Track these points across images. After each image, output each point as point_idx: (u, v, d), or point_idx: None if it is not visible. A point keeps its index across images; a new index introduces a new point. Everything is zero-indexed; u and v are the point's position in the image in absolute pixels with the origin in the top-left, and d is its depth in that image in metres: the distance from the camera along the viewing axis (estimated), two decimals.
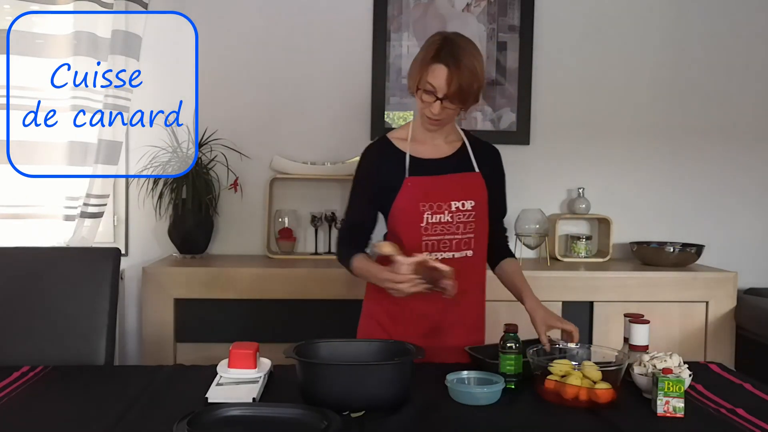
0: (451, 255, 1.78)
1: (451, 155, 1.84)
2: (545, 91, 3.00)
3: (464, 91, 1.68)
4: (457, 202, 1.77)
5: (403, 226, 1.79)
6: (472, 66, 1.68)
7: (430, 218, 1.76)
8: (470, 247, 1.80)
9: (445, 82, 1.67)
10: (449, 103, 1.71)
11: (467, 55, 1.69)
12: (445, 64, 1.66)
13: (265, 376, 1.52)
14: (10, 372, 1.62)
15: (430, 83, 1.69)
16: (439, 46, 1.69)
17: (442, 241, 1.77)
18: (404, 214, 1.78)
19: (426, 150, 1.83)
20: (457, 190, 1.78)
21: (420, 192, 1.77)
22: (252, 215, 2.92)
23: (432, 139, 1.84)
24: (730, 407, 1.43)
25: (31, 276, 1.90)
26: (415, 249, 1.75)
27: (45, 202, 2.64)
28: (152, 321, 2.53)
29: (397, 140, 1.85)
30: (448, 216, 1.77)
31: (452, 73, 1.66)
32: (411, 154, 1.81)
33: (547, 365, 1.50)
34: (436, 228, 1.77)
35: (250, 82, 2.92)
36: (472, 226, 1.79)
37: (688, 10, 3.03)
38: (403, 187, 1.77)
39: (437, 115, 1.72)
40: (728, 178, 3.08)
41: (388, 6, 2.91)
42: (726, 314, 2.66)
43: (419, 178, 1.78)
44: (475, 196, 1.80)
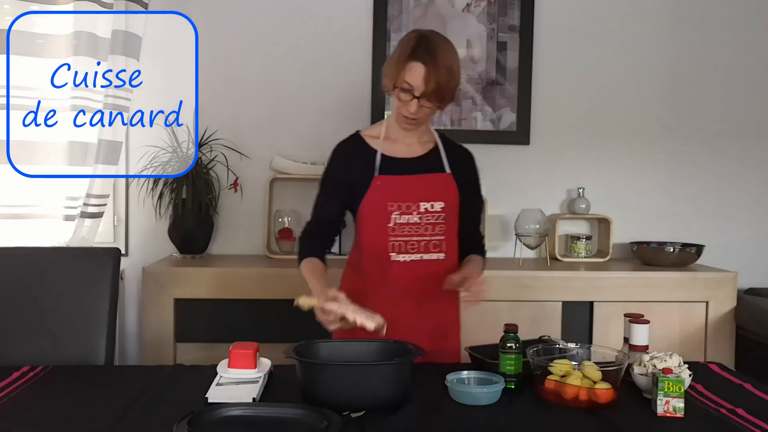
0: (419, 257, 1.76)
1: (422, 155, 1.82)
2: (545, 91, 3.00)
3: (442, 89, 1.67)
4: (426, 203, 1.75)
5: (370, 226, 1.76)
6: (449, 64, 1.67)
7: (398, 218, 1.73)
8: (441, 249, 1.77)
9: (422, 80, 1.65)
10: (426, 101, 1.69)
11: (444, 52, 1.67)
12: (422, 62, 1.64)
13: (265, 376, 1.52)
14: (10, 372, 1.62)
15: (407, 82, 1.66)
16: (415, 44, 1.66)
17: (409, 242, 1.75)
18: (371, 213, 1.75)
19: (398, 149, 1.81)
20: (426, 191, 1.76)
21: (388, 191, 1.74)
22: (252, 215, 2.92)
23: (405, 138, 1.81)
24: (730, 407, 1.43)
25: (31, 276, 1.90)
26: (383, 249, 1.74)
27: (45, 202, 2.64)
28: (152, 321, 2.53)
29: (370, 138, 1.82)
30: (417, 217, 1.74)
31: (430, 71, 1.64)
32: (382, 153, 1.79)
33: (547, 365, 1.50)
34: (403, 229, 1.74)
35: (250, 82, 2.92)
36: (442, 228, 1.77)
37: (687, 11, 3.03)
38: (371, 185, 1.75)
39: (414, 114, 1.70)
40: (728, 178, 3.09)
41: (388, 6, 2.91)
42: (726, 314, 2.66)
43: (388, 177, 1.75)
44: (445, 197, 1.77)
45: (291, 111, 2.95)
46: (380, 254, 1.75)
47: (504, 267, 2.70)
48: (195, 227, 2.74)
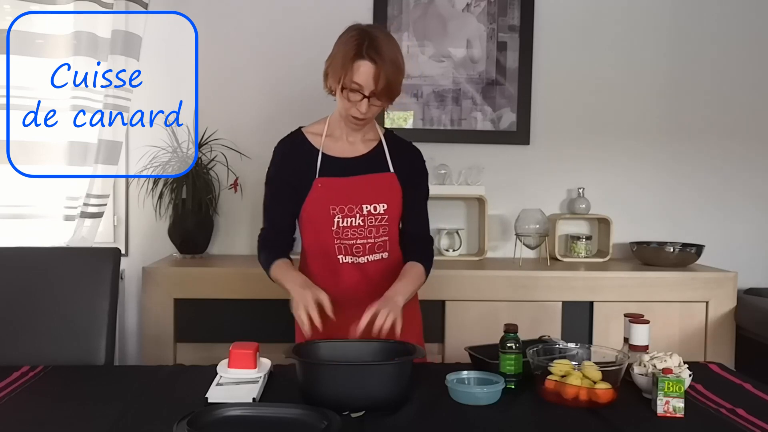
0: (365, 259, 1.73)
1: (365, 154, 1.76)
2: (545, 91, 3.00)
3: (391, 85, 1.61)
4: (369, 205, 1.69)
5: (315, 230, 1.72)
6: (395, 58, 1.62)
7: (341, 222, 1.69)
8: (385, 249, 1.74)
9: (372, 79, 1.58)
10: (376, 100, 1.63)
11: (388, 47, 1.61)
12: (370, 61, 1.58)
13: (265, 376, 1.52)
14: (10, 372, 1.62)
15: (355, 82, 1.60)
16: (358, 42, 1.59)
17: (354, 246, 1.71)
18: (314, 216, 1.71)
19: (340, 148, 1.75)
20: (368, 193, 1.70)
21: (330, 194, 1.69)
22: (252, 215, 2.92)
23: (348, 136, 1.75)
24: (730, 407, 1.43)
25: (31, 276, 1.90)
26: (330, 252, 1.71)
27: (45, 202, 2.64)
28: (152, 321, 2.53)
29: (312, 135, 1.77)
30: (360, 220, 1.69)
31: (379, 69, 1.58)
32: (324, 152, 1.73)
33: (547, 365, 1.50)
34: (347, 232, 1.70)
35: (250, 82, 2.92)
36: (386, 230, 1.73)
37: (687, 11, 3.03)
38: (312, 188, 1.70)
39: (365, 114, 1.65)
40: (728, 178, 3.09)
41: (388, 6, 2.92)
42: (726, 314, 2.66)
43: (330, 180, 1.70)
44: (388, 198, 1.72)
45: (291, 111, 2.94)
46: (328, 257, 1.72)
47: (504, 267, 2.71)
48: (195, 227, 2.74)
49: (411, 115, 2.96)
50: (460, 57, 2.96)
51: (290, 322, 2.62)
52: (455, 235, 2.96)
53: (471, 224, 3.03)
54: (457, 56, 2.96)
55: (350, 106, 1.65)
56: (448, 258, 2.88)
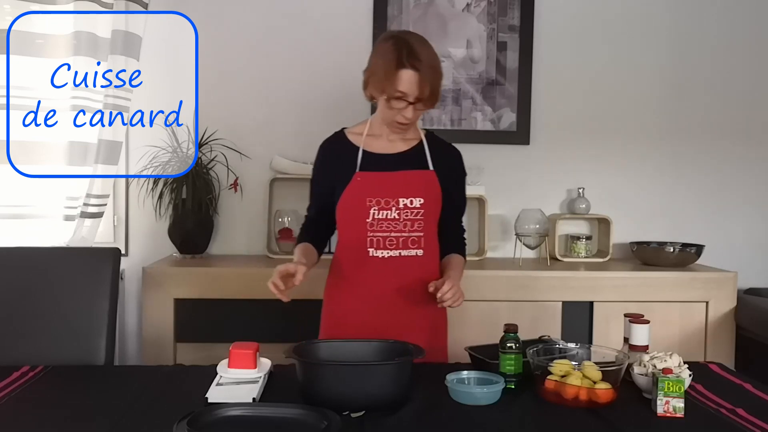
0: (397, 253, 1.75)
1: (405, 151, 1.82)
2: (545, 91, 3.00)
3: (435, 90, 1.69)
4: (405, 199, 1.74)
5: (350, 222, 1.77)
6: (434, 63, 1.68)
7: (377, 214, 1.73)
8: (420, 246, 1.77)
9: (417, 86, 1.65)
10: (421, 105, 1.70)
11: (426, 52, 1.67)
12: (412, 69, 1.64)
13: (265, 376, 1.52)
14: (10, 372, 1.62)
15: (400, 91, 1.66)
16: (398, 51, 1.65)
17: (388, 239, 1.75)
18: (350, 208, 1.76)
19: (380, 145, 1.81)
20: (406, 187, 1.75)
21: (368, 187, 1.75)
22: (252, 215, 2.92)
23: (388, 135, 1.81)
24: (730, 407, 1.43)
25: (31, 276, 1.90)
26: (361, 245, 1.75)
27: (45, 202, 2.64)
28: (152, 321, 2.53)
29: (353, 134, 1.84)
30: (395, 213, 1.74)
31: (421, 76, 1.65)
32: (364, 149, 1.79)
33: (547, 365, 1.50)
34: (382, 224, 1.74)
35: (250, 82, 2.92)
36: (421, 225, 1.76)
37: (687, 11, 3.03)
38: (351, 181, 1.75)
39: (411, 119, 1.72)
40: (728, 178, 3.09)
41: (388, 6, 2.92)
42: (726, 314, 2.66)
43: (369, 173, 1.76)
44: (426, 194, 1.76)
45: (291, 111, 2.95)
46: (358, 250, 1.76)
47: (504, 267, 2.70)
48: (195, 227, 2.74)
49: None
50: (460, 57, 2.96)
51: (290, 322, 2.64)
52: None
53: (471, 224, 3.02)
54: (457, 56, 2.96)
55: (395, 113, 1.71)
56: None
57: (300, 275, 1.59)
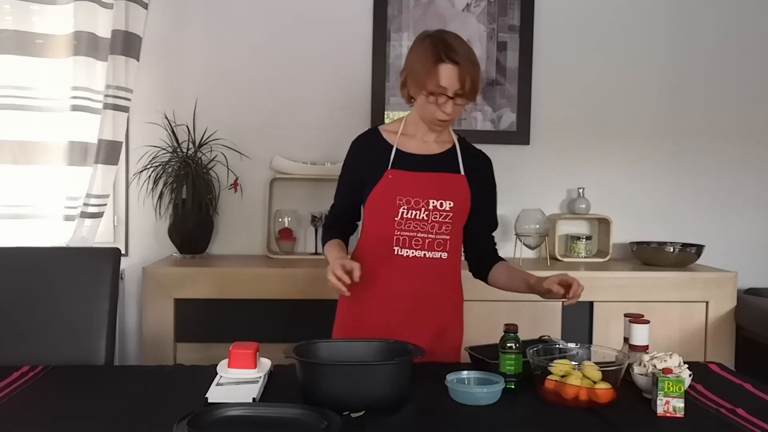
0: (422, 254, 1.75)
1: (438, 154, 1.82)
2: (545, 91, 3.01)
3: (475, 84, 1.68)
4: (435, 201, 1.74)
5: (378, 218, 1.77)
6: (471, 57, 1.68)
7: (406, 213, 1.74)
8: (445, 249, 1.77)
9: (458, 80, 1.65)
10: (461, 99, 1.70)
11: (462, 47, 1.68)
12: (452, 63, 1.64)
13: (265, 376, 1.52)
14: (10, 372, 1.62)
15: (441, 86, 1.66)
16: (435, 47, 1.66)
17: (414, 239, 1.75)
18: (380, 205, 1.76)
19: (414, 145, 1.81)
20: (437, 189, 1.75)
21: (399, 185, 1.75)
22: (252, 215, 2.92)
23: (422, 136, 1.82)
24: (730, 407, 1.43)
25: (31, 276, 1.90)
26: (387, 243, 1.75)
27: (45, 202, 2.64)
28: (152, 321, 2.53)
29: (387, 133, 1.84)
30: (424, 214, 1.74)
31: (461, 69, 1.65)
32: (398, 148, 1.80)
33: (547, 365, 1.50)
34: (410, 224, 1.74)
35: (250, 82, 2.92)
36: (449, 228, 1.76)
37: (687, 11, 3.04)
38: (383, 178, 1.75)
39: (451, 114, 1.72)
40: (728, 178, 3.09)
41: (388, 6, 2.92)
42: (726, 314, 2.67)
43: (401, 172, 1.76)
44: (455, 197, 1.76)
45: (291, 111, 2.95)
46: (384, 247, 1.76)
47: None
48: (195, 227, 2.74)
49: None
50: None
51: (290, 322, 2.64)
52: None
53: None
54: None
55: (436, 109, 1.71)
56: None
57: (358, 271, 1.60)
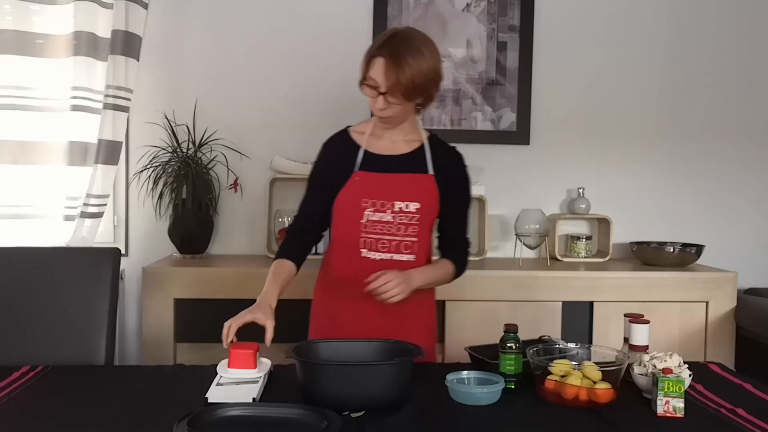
0: (389, 256, 1.74)
1: (406, 154, 1.78)
2: (545, 91, 3.01)
3: (403, 85, 1.61)
4: (401, 202, 1.72)
5: (344, 221, 1.76)
6: (414, 61, 1.62)
7: (372, 215, 1.72)
8: (413, 251, 1.74)
9: (383, 75, 1.62)
10: (392, 97, 1.65)
11: (410, 49, 1.62)
12: (383, 57, 1.62)
13: (265, 376, 1.52)
14: (10, 372, 1.62)
15: (371, 77, 1.65)
16: (383, 41, 1.65)
17: (380, 241, 1.73)
18: (346, 208, 1.74)
19: (382, 146, 1.79)
20: (403, 190, 1.73)
21: (365, 187, 1.73)
22: (252, 215, 2.92)
23: (391, 135, 1.79)
24: (730, 407, 1.43)
25: (31, 276, 1.90)
26: (354, 245, 1.74)
27: (45, 202, 2.64)
28: (152, 321, 2.53)
29: (357, 133, 1.82)
30: (390, 215, 1.72)
31: (390, 67, 1.61)
32: (366, 149, 1.78)
33: (547, 365, 1.50)
34: (376, 226, 1.72)
35: (250, 81, 2.92)
36: (415, 229, 1.74)
37: (687, 12, 3.04)
38: (350, 180, 1.74)
39: (382, 109, 1.68)
40: (728, 178, 3.09)
41: (388, 6, 2.92)
42: (726, 314, 2.67)
43: (367, 174, 1.74)
44: (423, 198, 1.74)
45: (291, 111, 2.95)
46: (351, 250, 1.75)
47: (504, 267, 2.70)
48: (195, 227, 2.74)
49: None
50: (460, 57, 2.96)
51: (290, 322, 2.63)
52: None
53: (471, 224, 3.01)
54: (457, 56, 2.96)
55: (371, 102, 1.70)
56: None
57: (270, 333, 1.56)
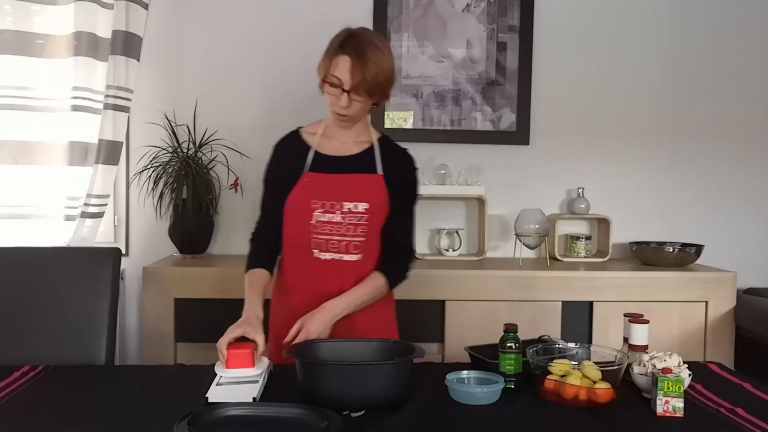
0: (339, 257, 1.74)
1: (355, 155, 1.79)
2: (545, 92, 3.01)
3: (368, 82, 1.65)
4: (350, 203, 1.72)
5: (294, 222, 1.76)
6: (377, 58, 1.65)
7: (321, 216, 1.72)
8: (361, 251, 1.74)
9: (349, 73, 1.64)
10: (356, 95, 1.67)
11: (372, 47, 1.66)
12: (348, 55, 1.64)
13: (265, 375, 1.52)
14: (10, 372, 1.62)
15: (335, 76, 1.66)
16: (344, 39, 1.67)
17: (330, 241, 1.73)
18: (297, 209, 1.74)
19: (332, 147, 1.79)
20: (352, 191, 1.73)
21: (314, 189, 1.73)
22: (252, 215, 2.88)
23: (341, 137, 1.80)
24: (729, 407, 1.43)
25: (31, 276, 1.90)
26: (305, 246, 1.74)
27: (45, 202, 2.64)
28: (152, 321, 2.54)
29: (308, 134, 1.83)
30: (339, 216, 1.72)
31: (355, 65, 1.63)
32: (316, 150, 1.78)
33: (546, 365, 1.50)
34: (325, 227, 1.72)
35: (250, 82, 2.92)
36: (364, 229, 1.73)
37: (687, 12, 3.04)
38: (299, 182, 1.74)
39: (345, 107, 1.69)
40: (728, 178, 3.09)
41: (388, 6, 2.92)
42: (725, 314, 2.67)
43: (317, 175, 1.75)
44: (371, 198, 1.73)
45: (291, 111, 2.94)
46: (303, 250, 1.75)
47: (504, 267, 2.71)
48: (195, 227, 2.75)
49: (411, 115, 2.96)
50: (460, 57, 2.96)
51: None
52: (455, 235, 2.97)
53: (471, 224, 3.03)
54: (457, 56, 2.96)
55: (333, 101, 1.70)
56: (448, 258, 2.89)
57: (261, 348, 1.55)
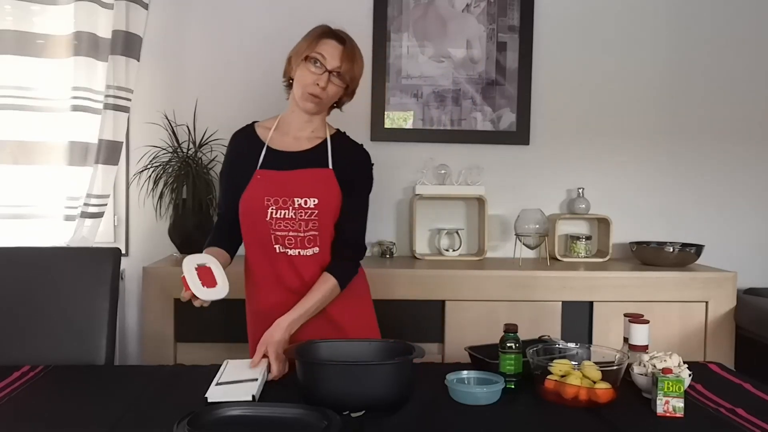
0: (297, 252, 1.75)
1: (307, 150, 1.80)
2: (545, 92, 3.01)
3: (353, 72, 1.74)
4: (300, 199, 1.73)
5: (252, 220, 1.76)
6: (360, 59, 1.77)
7: (275, 213, 1.73)
8: (316, 244, 1.76)
9: (339, 58, 1.71)
10: (336, 78, 1.72)
11: (356, 45, 1.78)
12: (338, 41, 1.74)
13: (265, 374, 1.53)
14: (10, 372, 1.62)
15: (321, 53, 1.71)
16: (323, 28, 1.77)
17: (287, 237, 1.74)
18: (251, 207, 1.75)
19: (285, 142, 1.80)
20: (302, 187, 1.74)
21: (266, 186, 1.74)
22: None
23: (297, 131, 1.81)
24: (729, 407, 1.43)
25: (31, 276, 1.90)
26: (266, 242, 1.75)
27: (45, 202, 2.64)
28: (152, 321, 2.53)
29: (262, 129, 1.84)
30: (292, 212, 1.73)
31: (346, 53, 1.72)
32: (269, 146, 1.79)
33: (546, 365, 1.50)
34: (280, 223, 1.74)
35: (250, 82, 2.92)
36: (315, 225, 1.74)
37: (687, 11, 3.04)
38: (252, 179, 1.75)
39: (322, 89, 1.71)
40: (728, 178, 3.09)
41: (388, 6, 2.92)
42: (725, 314, 2.67)
43: (269, 172, 1.76)
44: (321, 193, 1.74)
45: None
46: (265, 247, 1.76)
47: (504, 267, 2.71)
48: (195, 227, 2.74)
49: (411, 115, 2.96)
50: (459, 57, 2.96)
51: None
52: (455, 235, 2.97)
53: (471, 224, 3.03)
54: (457, 57, 2.96)
55: (312, 79, 1.71)
56: (448, 258, 2.89)
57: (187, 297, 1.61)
